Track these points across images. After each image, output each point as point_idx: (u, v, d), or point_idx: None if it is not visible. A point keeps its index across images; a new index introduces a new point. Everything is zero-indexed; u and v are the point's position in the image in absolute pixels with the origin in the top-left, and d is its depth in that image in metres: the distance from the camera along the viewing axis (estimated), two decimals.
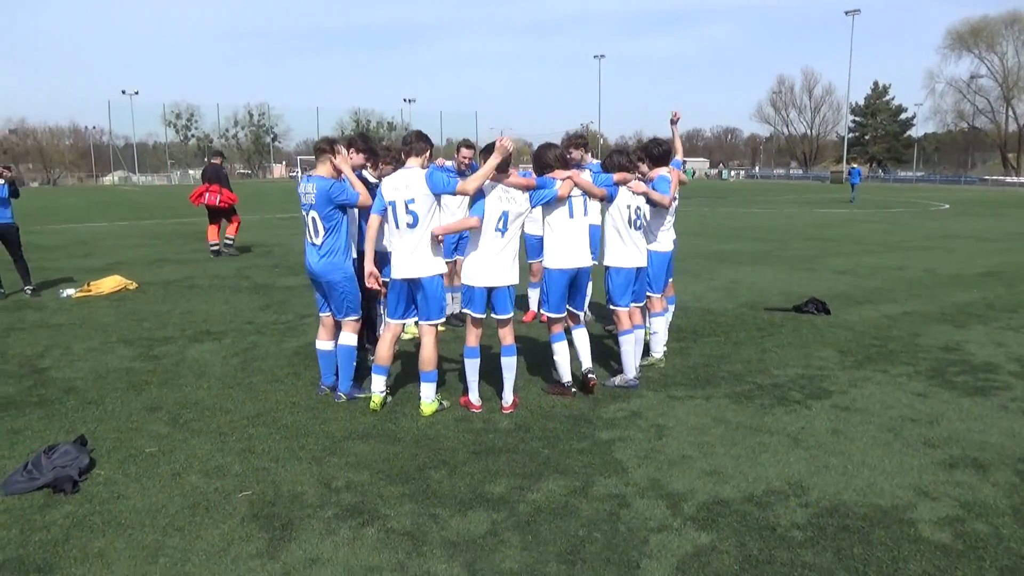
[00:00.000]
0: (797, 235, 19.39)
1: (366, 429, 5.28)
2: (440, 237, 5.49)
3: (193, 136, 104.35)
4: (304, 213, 5.85)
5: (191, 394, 6.12)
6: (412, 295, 5.61)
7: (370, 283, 5.60)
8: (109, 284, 11.14)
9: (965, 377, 6.55)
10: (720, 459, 4.76)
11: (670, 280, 7.12)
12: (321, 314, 6.12)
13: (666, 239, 6.75)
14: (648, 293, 6.63)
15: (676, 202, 6.85)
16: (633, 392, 6.10)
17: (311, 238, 5.85)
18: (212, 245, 15.38)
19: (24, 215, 28.46)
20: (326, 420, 5.46)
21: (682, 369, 6.75)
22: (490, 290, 5.61)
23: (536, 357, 7.05)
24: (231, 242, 15.66)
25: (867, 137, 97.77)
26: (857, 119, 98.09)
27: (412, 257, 5.48)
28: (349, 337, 5.94)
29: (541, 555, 3.60)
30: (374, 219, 5.59)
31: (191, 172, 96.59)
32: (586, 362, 6.10)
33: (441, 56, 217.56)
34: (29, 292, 10.84)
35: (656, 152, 6.55)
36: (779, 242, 17.65)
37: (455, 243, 7.64)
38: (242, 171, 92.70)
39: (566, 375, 6.02)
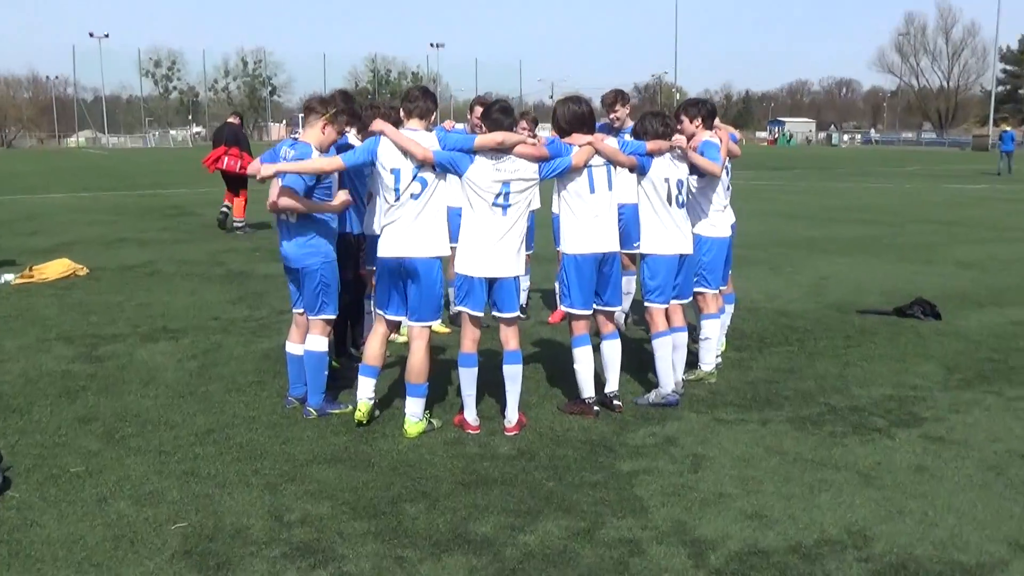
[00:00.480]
0: (916, 217, 19.11)
1: (335, 452, 5.42)
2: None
3: (175, 88, 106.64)
4: None
5: (133, 404, 6.33)
6: (405, 284, 5.71)
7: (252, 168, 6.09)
8: (55, 269, 11.54)
9: None
10: (767, 499, 4.77)
11: (728, 273, 7.11)
12: (295, 311, 6.27)
13: (722, 221, 6.75)
14: (700, 289, 6.65)
15: (728, 175, 6.85)
16: (671, 413, 6.13)
17: (286, 216, 5.99)
18: (224, 206, 16.12)
19: None
20: (289, 440, 5.61)
21: (738, 385, 6.75)
22: (491, 282, 5.69)
23: (557, 366, 7.12)
24: (241, 224, 16.14)
25: (1022, 91, 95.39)
26: (1009, 68, 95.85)
27: (409, 231, 5.57)
28: (318, 341, 6.07)
29: None
30: (337, 161, 5.74)
31: (172, 132, 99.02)
32: (612, 384, 6.17)
33: None
34: None
35: (703, 111, 6.55)
36: (891, 226, 17.43)
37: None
38: None
39: (588, 389, 6.08)
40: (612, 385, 6.18)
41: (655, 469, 5.18)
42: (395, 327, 6.09)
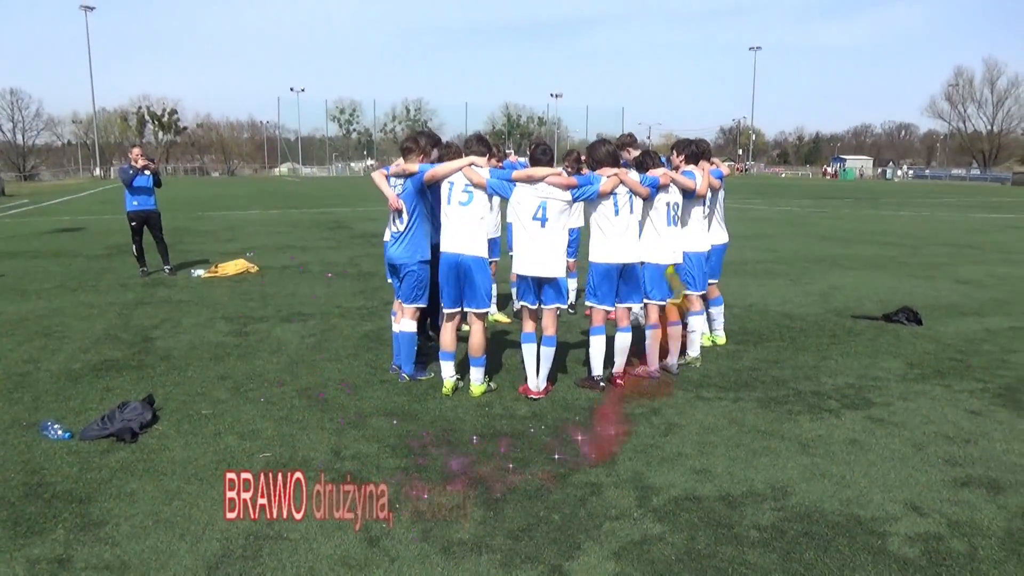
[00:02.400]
0: (935, 240, 18.15)
1: (394, 407, 5.73)
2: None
3: (354, 130, 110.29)
4: None
5: (260, 367, 6.82)
6: (460, 280, 5.98)
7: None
8: (233, 267, 12.33)
9: None
10: (715, 459, 4.82)
11: (712, 281, 7.11)
12: (399, 299, 6.50)
13: (704, 239, 6.78)
14: (686, 292, 6.68)
15: (717, 197, 6.89)
16: (663, 389, 6.20)
17: (395, 226, 6.29)
18: None
19: (195, 203, 31.56)
20: (363, 398, 5.96)
21: (726, 371, 6.73)
22: (540, 282, 5.90)
23: (582, 351, 7.23)
24: None
25: None
26: None
27: (459, 235, 5.88)
28: (408, 324, 6.35)
29: (493, 530, 3.89)
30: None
31: (352, 164, 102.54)
32: (619, 365, 6.27)
33: (589, 50, 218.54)
34: (167, 271, 12.22)
35: (688, 151, 6.64)
36: (910, 248, 16.63)
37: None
38: None
39: (597, 369, 6.20)
40: (619, 368, 6.29)
41: (634, 432, 5.28)
42: (459, 315, 6.25)
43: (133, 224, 11.97)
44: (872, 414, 5.70)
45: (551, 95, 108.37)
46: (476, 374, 6.03)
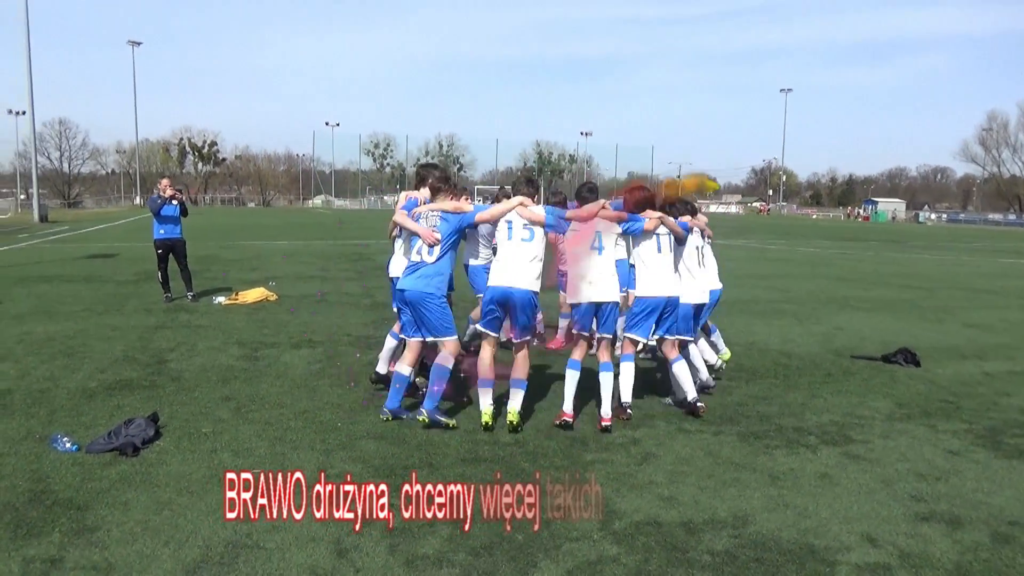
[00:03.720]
0: (953, 285, 18.08)
1: (384, 431, 5.97)
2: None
3: (388, 164, 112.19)
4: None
5: (263, 390, 7.12)
6: (506, 310, 6.13)
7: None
8: (253, 295, 12.75)
9: (1020, 440, 6.20)
10: (684, 488, 4.98)
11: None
12: (409, 338, 6.33)
13: (697, 285, 7.10)
14: (680, 337, 6.94)
15: (708, 246, 7.23)
16: (647, 421, 6.37)
17: (419, 255, 6.20)
18: None
19: (227, 231, 32.37)
20: (356, 422, 6.21)
21: (713, 406, 6.87)
22: (598, 307, 6.17)
23: (588, 381, 7.41)
24: None
25: None
26: None
27: (513, 269, 6.05)
28: (445, 357, 6.08)
29: (457, 546, 4.09)
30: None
31: (385, 198, 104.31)
32: (692, 392, 6.57)
33: (619, 89, 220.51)
34: (189, 297, 12.67)
35: (687, 209, 7.07)
36: (926, 291, 16.60)
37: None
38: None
39: (627, 395, 6.46)
40: (692, 392, 6.56)
41: (610, 461, 5.46)
42: (496, 342, 6.26)
43: (159, 251, 12.48)
44: (849, 450, 5.82)
45: (581, 133, 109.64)
46: (516, 399, 6.05)
